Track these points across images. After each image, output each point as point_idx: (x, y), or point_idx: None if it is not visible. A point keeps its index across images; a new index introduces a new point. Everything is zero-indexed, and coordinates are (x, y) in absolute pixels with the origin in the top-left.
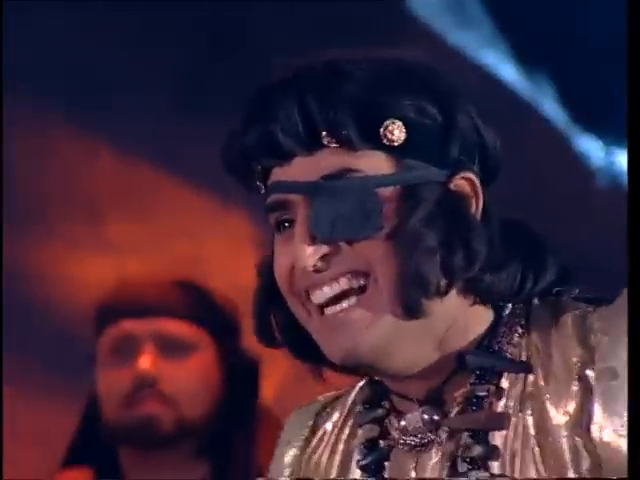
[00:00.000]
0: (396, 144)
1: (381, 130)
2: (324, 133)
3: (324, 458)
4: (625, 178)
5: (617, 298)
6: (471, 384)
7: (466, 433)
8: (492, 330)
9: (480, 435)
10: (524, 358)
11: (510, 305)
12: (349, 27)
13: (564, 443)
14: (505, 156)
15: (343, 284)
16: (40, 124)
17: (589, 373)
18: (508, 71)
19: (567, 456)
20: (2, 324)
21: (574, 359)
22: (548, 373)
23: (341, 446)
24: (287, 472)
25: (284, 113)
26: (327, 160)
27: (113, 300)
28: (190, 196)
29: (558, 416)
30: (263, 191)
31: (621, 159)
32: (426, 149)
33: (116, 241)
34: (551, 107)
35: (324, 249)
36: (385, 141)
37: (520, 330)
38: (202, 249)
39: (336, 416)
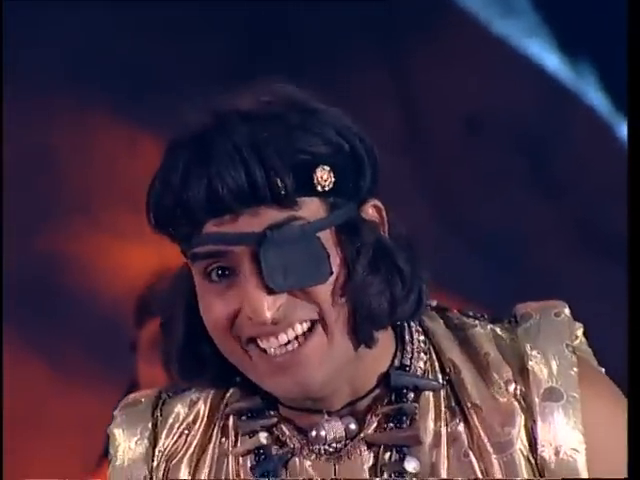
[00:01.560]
0: (327, 188)
1: (314, 177)
2: (265, 188)
3: (189, 458)
4: None
5: (539, 317)
6: (395, 402)
7: (394, 448)
8: (401, 350)
9: (404, 451)
10: (440, 375)
11: (406, 325)
12: (395, 19)
13: (496, 463)
14: (550, 145)
15: (297, 330)
16: (80, 116)
17: (524, 392)
18: (551, 60)
19: (498, 474)
20: (2, 317)
21: (505, 377)
22: (474, 392)
23: (217, 444)
24: (143, 471)
25: (224, 170)
26: (269, 213)
27: (154, 293)
28: None
29: (491, 436)
30: (175, 241)
31: None
32: (346, 188)
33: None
34: (594, 96)
35: (280, 300)
36: (319, 187)
37: (424, 347)
38: None
39: (197, 413)
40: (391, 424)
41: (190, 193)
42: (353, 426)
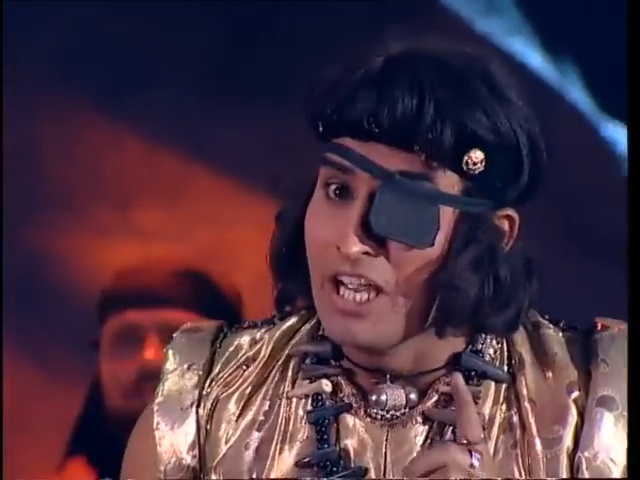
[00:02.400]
0: (472, 172)
1: (465, 157)
2: (426, 132)
3: (240, 393)
4: None
5: (616, 331)
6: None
7: (450, 427)
8: (476, 338)
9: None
10: (505, 367)
11: None
12: (375, 16)
13: (540, 459)
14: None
15: (370, 284)
16: (67, 111)
17: (582, 396)
18: (534, 58)
19: (543, 472)
20: (3, 317)
21: (567, 381)
22: (533, 388)
23: (272, 385)
24: (192, 397)
25: (400, 94)
26: (408, 159)
27: (115, 289)
28: (216, 183)
29: (541, 431)
30: (320, 130)
31: None
32: (492, 183)
33: (143, 227)
34: (577, 94)
35: (369, 247)
36: (464, 167)
37: (498, 338)
38: (228, 236)
39: (258, 352)
40: (451, 405)
41: (356, 101)
42: (413, 396)
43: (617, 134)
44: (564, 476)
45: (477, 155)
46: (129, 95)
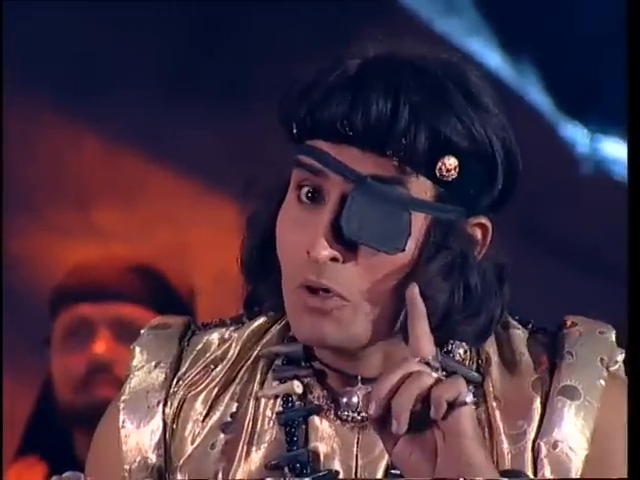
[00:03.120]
0: (445, 179)
1: (438, 163)
2: (393, 144)
3: (208, 393)
4: (610, 166)
5: (583, 327)
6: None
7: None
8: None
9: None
10: (474, 366)
11: None
12: (334, 17)
13: (506, 456)
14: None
15: (343, 293)
16: (27, 111)
17: (546, 388)
18: (493, 59)
19: (507, 464)
20: (3, 318)
21: (533, 377)
22: (498, 386)
23: (239, 385)
24: (159, 395)
25: (374, 97)
26: (380, 163)
27: (68, 283)
28: (176, 183)
29: (507, 426)
30: (295, 131)
31: (606, 147)
32: (466, 190)
33: (102, 227)
34: (536, 95)
35: (337, 254)
36: (437, 173)
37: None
38: (187, 236)
39: (227, 351)
40: (423, 404)
41: (331, 103)
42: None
43: (576, 134)
44: (529, 471)
45: (451, 162)
46: (89, 95)
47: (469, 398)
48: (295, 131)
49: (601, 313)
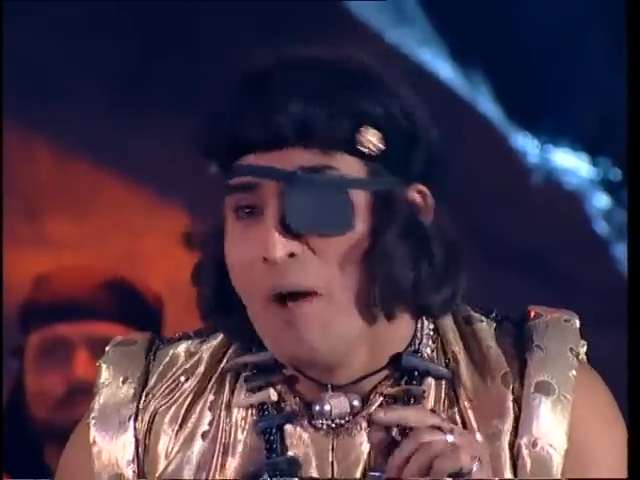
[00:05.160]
0: (372, 153)
1: (358, 136)
2: (314, 137)
3: (178, 406)
4: (560, 176)
5: (549, 317)
6: (404, 383)
7: (395, 428)
8: (416, 340)
9: (405, 431)
10: (442, 365)
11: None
12: (286, 26)
13: (486, 452)
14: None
15: (308, 286)
16: None
17: (518, 385)
18: (444, 69)
19: (487, 468)
20: (2, 321)
21: (503, 371)
22: (469, 385)
23: (210, 397)
24: (130, 410)
25: (285, 101)
26: (304, 156)
27: (39, 298)
28: (127, 192)
29: (479, 423)
30: (214, 169)
31: (556, 157)
32: (392, 159)
33: (53, 237)
34: (487, 105)
35: (293, 247)
36: (361, 147)
37: (433, 336)
38: (139, 245)
39: (195, 365)
40: (397, 405)
41: (244, 120)
42: (357, 403)
43: (526, 144)
44: (508, 468)
45: (370, 137)
46: (39, 103)
47: (474, 468)
48: (214, 169)
49: None
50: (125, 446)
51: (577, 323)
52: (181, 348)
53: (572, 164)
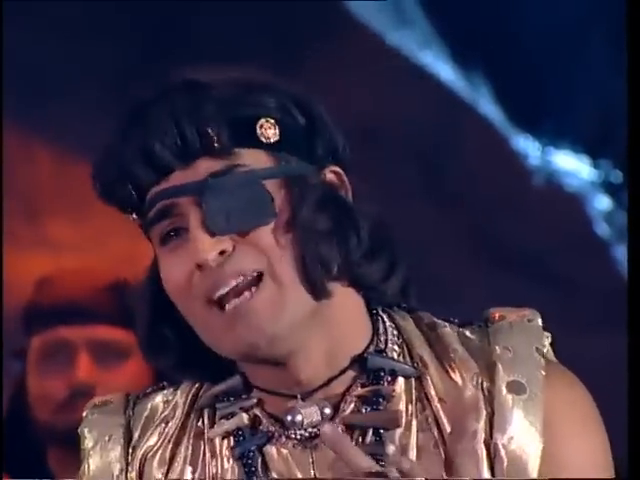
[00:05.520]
0: (272, 141)
1: (257, 128)
2: (196, 141)
3: (163, 450)
4: (561, 178)
5: (512, 319)
6: (370, 384)
7: (370, 431)
8: (376, 340)
9: (380, 434)
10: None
11: (386, 318)
12: (287, 27)
13: (460, 452)
14: (443, 155)
15: (248, 278)
16: None
17: (489, 386)
18: (445, 71)
19: (462, 464)
20: (2, 323)
21: (472, 372)
22: (440, 387)
23: (192, 435)
24: (120, 464)
25: (160, 128)
26: (208, 164)
27: (42, 301)
28: None
29: (455, 426)
30: (134, 217)
31: (557, 159)
32: (296, 146)
33: (54, 239)
34: (488, 107)
35: (223, 245)
36: (262, 138)
37: (398, 341)
38: (139, 247)
39: (174, 409)
40: (367, 406)
41: (128, 155)
42: (328, 410)
43: (527, 147)
44: (485, 468)
45: (265, 124)
46: (39, 104)
47: None
48: (135, 215)
49: (551, 321)
50: None
51: (539, 321)
52: (158, 399)
53: (573, 166)
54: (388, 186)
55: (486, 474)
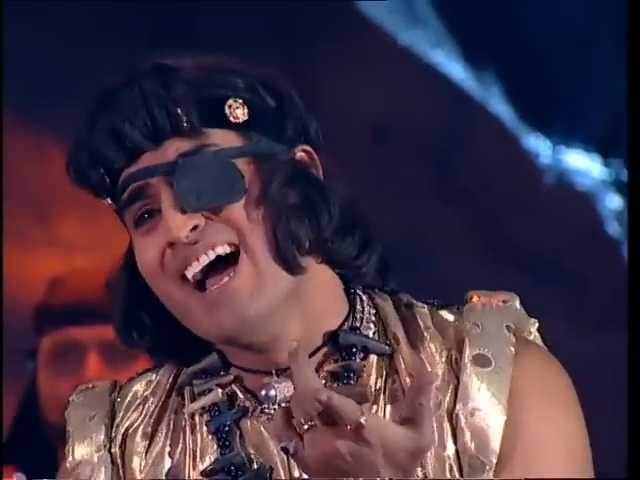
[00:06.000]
0: (241, 120)
1: (225, 109)
2: (165, 122)
3: (145, 426)
4: (572, 176)
5: (487, 300)
6: (342, 360)
7: None
8: (352, 316)
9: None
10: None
11: (365, 297)
12: (298, 26)
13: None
14: (455, 154)
15: (218, 251)
16: None
17: (458, 361)
18: (457, 70)
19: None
20: (2, 323)
21: (440, 348)
22: (409, 361)
23: (172, 413)
24: (102, 441)
25: (128, 110)
26: (178, 144)
27: (54, 301)
28: None
29: None
30: (109, 201)
31: (568, 157)
32: (266, 126)
33: (65, 238)
34: (499, 106)
35: (195, 220)
36: (231, 118)
37: (374, 319)
38: None
39: (156, 388)
40: (338, 382)
41: (98, 139)
42: None
43: (539, 145)
44: (449, 440)
45: (233, 104)
46: (50, 103)
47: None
48: (104, 194)
49: (563, 319)
50: (105, 474)
51: (516, 304)
52: (143, 381)
53: (584, 165)
54: (399, 185)
55: (450, 445)
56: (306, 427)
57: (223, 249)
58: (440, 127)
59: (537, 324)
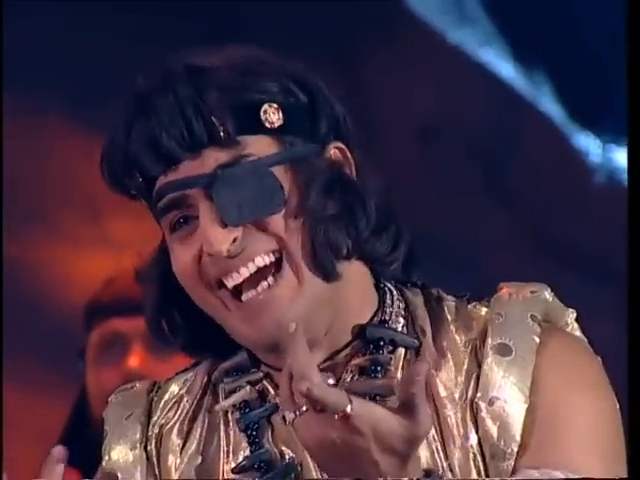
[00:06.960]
0: (276, 125)
1: (261, 114)
2: (203, 132)
3: (180, 424)
4: (623, 175)
5: (515, 290)
6: (369, 354)
7: (369, 397)
8: (382, 310)
9: (377, 401)
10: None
11: (395, 292)
12: (349, 27)
13: (452, 416)
14: (505, 153)
15: (258, 262)
16: (37, 122)
17: (481, 350)
18: (507, 69)
19: (455, 428)
20: (2, 322)
21: (466, 339)
22: (437, 350)
23: (206, 413)
24: (138, 439)
25: (165, 119)
26: (216, 155)
27: (102, 297)
28: None
29: (447, 390)
30: (143, 202)
31: (619, 156)
32: (300, 127)
33: (116, 238)
34: (549, 105)
35: (235, 233)
36: (267, 124)
37: (404, 313)
38: None
39: (191, 387)
40: (365, 375)
41: (135, 146)
42: (331, 381)
43: (589, 144)
44: (472, 429)
45: (269, 109)
46: (100, 104)
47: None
48: (135, 192)
49: (614, 321)
50: (141, 473)
51: (546, 294)
52: (180, 380)
53: None
54: (449, 185)
55: (473, 435)
56: (304, 409)
57: (263, 260)
58: (490, 126)
59: (574, 314)
